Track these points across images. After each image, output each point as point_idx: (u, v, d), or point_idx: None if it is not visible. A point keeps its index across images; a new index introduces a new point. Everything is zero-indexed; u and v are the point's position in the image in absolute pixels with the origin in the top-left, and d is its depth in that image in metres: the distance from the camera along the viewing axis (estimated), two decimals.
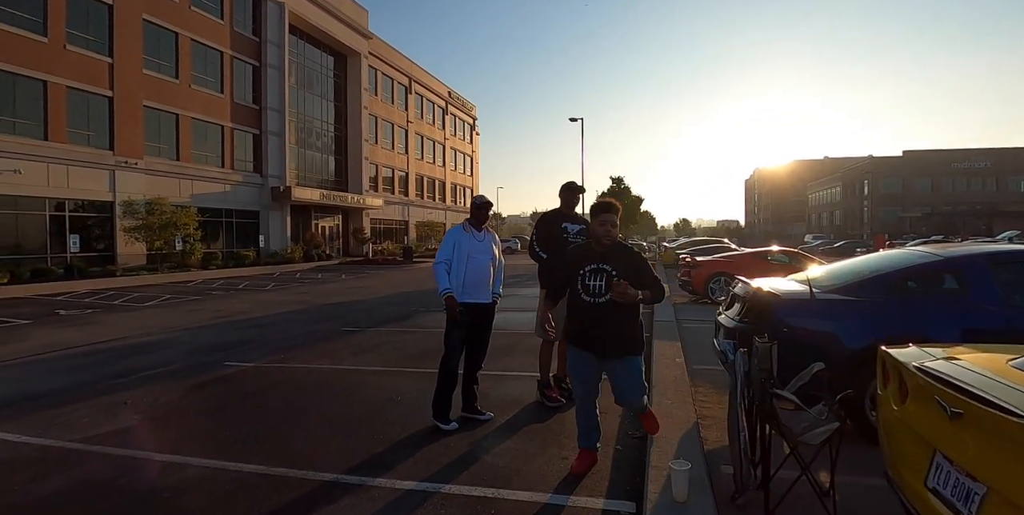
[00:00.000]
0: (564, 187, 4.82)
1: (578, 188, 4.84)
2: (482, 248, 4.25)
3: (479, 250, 4.21)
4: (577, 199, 4.86)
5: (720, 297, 10.96)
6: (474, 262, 4.16)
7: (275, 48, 29.11)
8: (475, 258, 4.17)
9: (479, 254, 4.20)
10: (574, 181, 4.89)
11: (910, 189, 61.81)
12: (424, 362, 6.18)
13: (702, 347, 6.40)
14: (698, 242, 25.86)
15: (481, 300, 4.21)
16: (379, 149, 40.04)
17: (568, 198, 4.79)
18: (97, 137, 20.99)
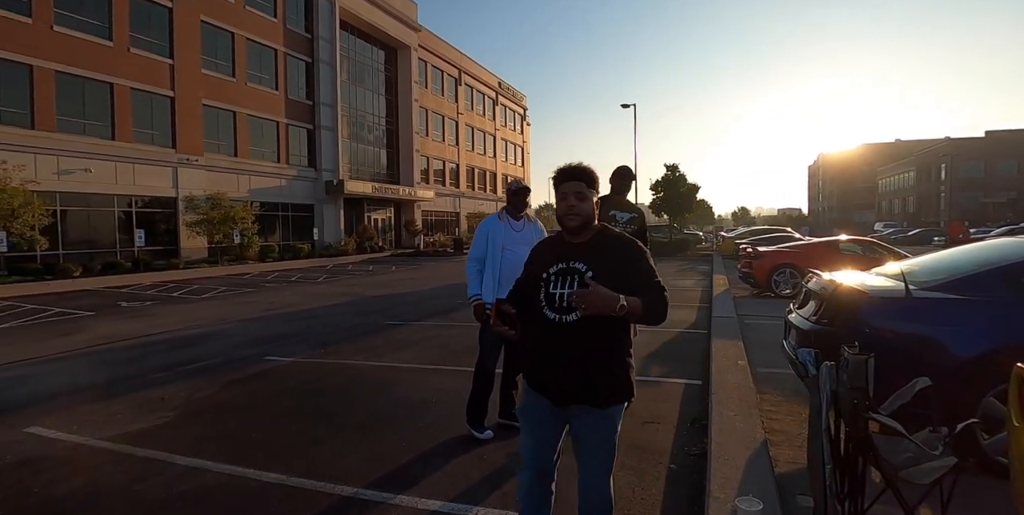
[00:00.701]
0: (615, 172, 4.42)
1: (629, 173, 4.42)
2: (520, 240, 3.76)
3: (516, 242, 3.75)
4: (628, 186, 4.44)
5: (785, 290, 10.20)
6: (511, 255, 3.70)
7: (327, 44, 29.50)
8: (512, 251, 3.71)
9: (516, 246, 3.73)
10: (626, 165, 4.45)
11: (993, 173, 56.96)
12: (465, 360, 5.87)
13: (767, 347, 5.81)
14: (759, 231, 24.59)
15: None
16: (430, 141, 40.19)
17: (618, 184, 4.37)
18: (160, 136, 21.80)
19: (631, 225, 4.24)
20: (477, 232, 3.85)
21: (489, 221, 3.86)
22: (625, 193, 4.42)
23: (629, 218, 4.29)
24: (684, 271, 17.67)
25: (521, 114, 59.26)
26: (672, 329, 7.36)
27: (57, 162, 18.39)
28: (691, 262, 22.03)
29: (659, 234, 29.78)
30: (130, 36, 20.51)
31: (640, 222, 4.34)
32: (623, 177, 4.38)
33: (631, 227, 4.22)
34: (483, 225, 3.87)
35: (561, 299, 1.89)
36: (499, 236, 3.75)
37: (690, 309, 9.32)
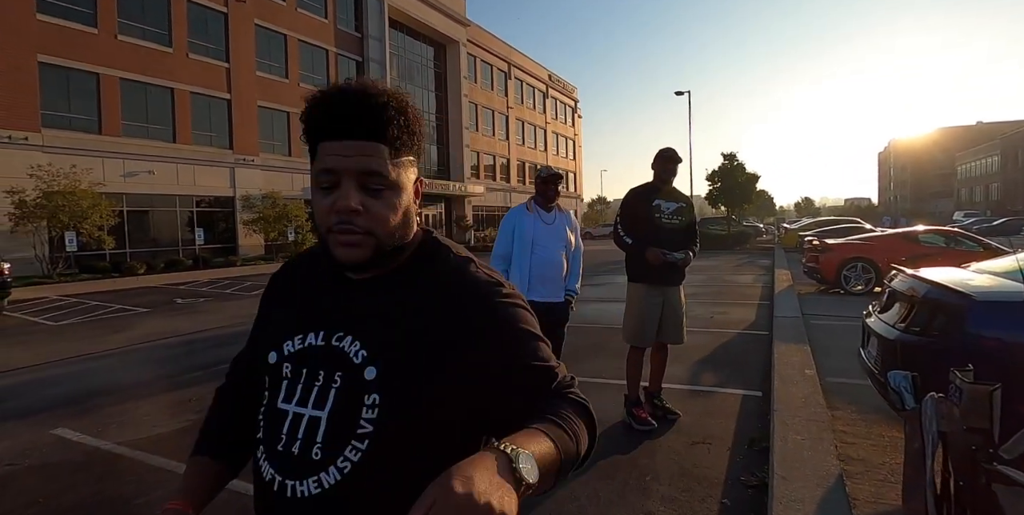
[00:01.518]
0: (657, 156, 3.87)
1: (674, 157, 3.85)
2: (551, 233, 3.39)
3: (547, 236, 3.36)
4: (673, 171, 3.87)
5: (856, 287, 9.31)
6: (541, 251, 3.34)
7: (376, 42, 29.74)
8: (543, 246, 3.34)
9: (548, 241, 3.36)
10: (671, 148, 3.88)
11: None
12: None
13: (839, 352, 5.17)
14: (825, 222, 23.07)
15: (551, 299, 3.37)
16: (480, 136, 40.04)
17: (661, 168, 3.82)
18: (218, 137, 22.49)
19: (678, 217, 3.75)
20: (502, 225, 3.41)
21: (516, 212, 3.43)
22: (670, 180, 3.86)
23: (676, 209, 3.76)
24: (743, 266, 16.72)
25: (572, 107, 58.38)
26: (728, 330, 6.75)
27: (123, 165, 19.22)
28: (750, 256, 20.90)
29: (716, 227, 28.52)
30: (188, 42, 21.20)
31: (688, 214, 3.84)
32: (667, 160, 3.79)
33: (678, 220, 3.74)
34: (509, 217, 3.42)
35: (302, 432, 0.76)
36: (528, 230, 3.34)
37: (749, 307, 8.62)
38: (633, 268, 3.80)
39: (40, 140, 17.09)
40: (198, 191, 21.70)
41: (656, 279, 3.69)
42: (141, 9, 19.80)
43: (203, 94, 21.76)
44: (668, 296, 3.74)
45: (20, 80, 16.66)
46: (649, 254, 3.56)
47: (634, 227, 3.75)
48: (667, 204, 3.75)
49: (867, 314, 3.52)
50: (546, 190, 3.39)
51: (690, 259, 3.68)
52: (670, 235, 3.67)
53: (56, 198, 15.59)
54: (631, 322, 3.78)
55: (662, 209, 3.72)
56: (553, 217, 3.43)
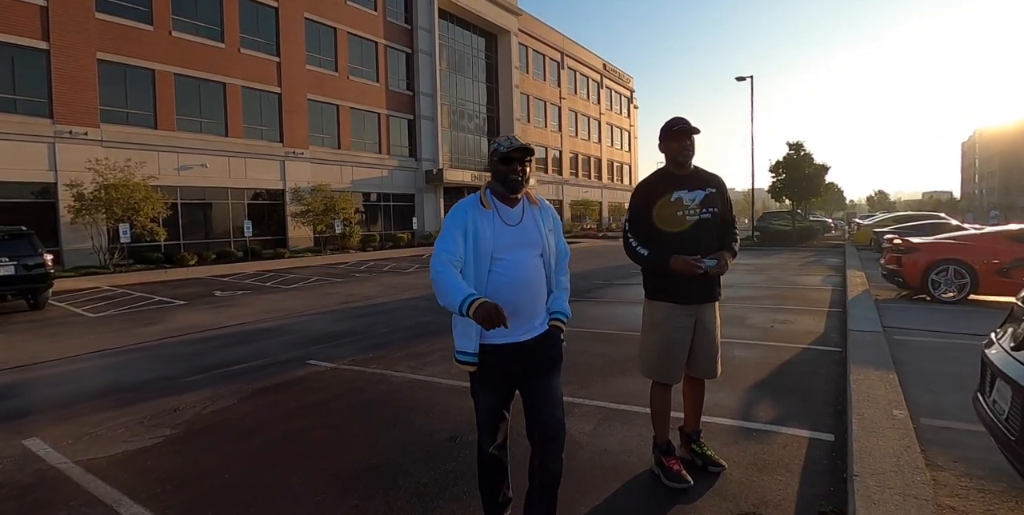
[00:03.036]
0: (664, 130, 2.81)
1: (687, 128, 2.75)
2: (519, 238, 2.19)
3: (514, 242, 2.18)
4: (690, 147, 2.78)
5: (946, 294, 8.03)
6: (506, 267, 2.14)
7: (426, 34, 29.40)
8: (508, 260, 2.15)
9: (515, 250, 2.17)
10: (679, 118, 2.83)
11: None
12: None
13: (935, 382, 4.17)
14: (904, 218, 21.00)
15: (524, 337, 2.16)
16: (531, 128, 39.26)
17: (677, 148, 2.77)
18: (269, 131, 22.70)
19: (708, 209, 2.78)
20: (448, 221, 2.19)
21: (465, 208, 2.19)
22: (689, 160, 2.81)
23: (704, 198, 2.78)
24: (809, 265, 15.26)
25: (628, 97, 56.65)
26: (791, 344, 5.76)
27: (177, 158, 19.62)
28: (818, 254, 19.26)
29: (780, 221, 26.71)
30: (240, 37, 21.42)
31: (721, 202, 2.85)
32: (679, 135, 2.75)
33: (709, 212, 2.78)
34: (457, 213, 2.19)
35: None
36: (484, 235, 2.13)
37: (817, 315, 7.53)
38: (652, 282, 2.91)
39: (99, 135, 17.59)
40: (249, 184, 21.99)
41: (684, 295, 2.79)
42: (195, 6, 20.11)
43: (254, 88, 21.98)
44: (701, 317, 2.84)
45: (79, 77, 17.16)
46: (677, 264, 2.67)
47: (651, 232, 2.80)
48: (691, 194, 2.78)
49: (988, 344, 2.60)
50: (508, 173, 2.15)
51: (726, 265, 2.72)
52: (701, 235, 2.77)
53: (110, 191, 15.99)
54: (651, 352, 2.87)
55: (685, 202, 2.77)
56: (519, 213, 2.22)
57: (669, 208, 2.77)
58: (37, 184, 16.70)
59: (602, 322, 7.51)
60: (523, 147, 2.15)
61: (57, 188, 16.71)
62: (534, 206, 2.29)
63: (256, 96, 22.18)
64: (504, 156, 2.15)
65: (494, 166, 2.20)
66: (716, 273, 2.72)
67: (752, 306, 8.28)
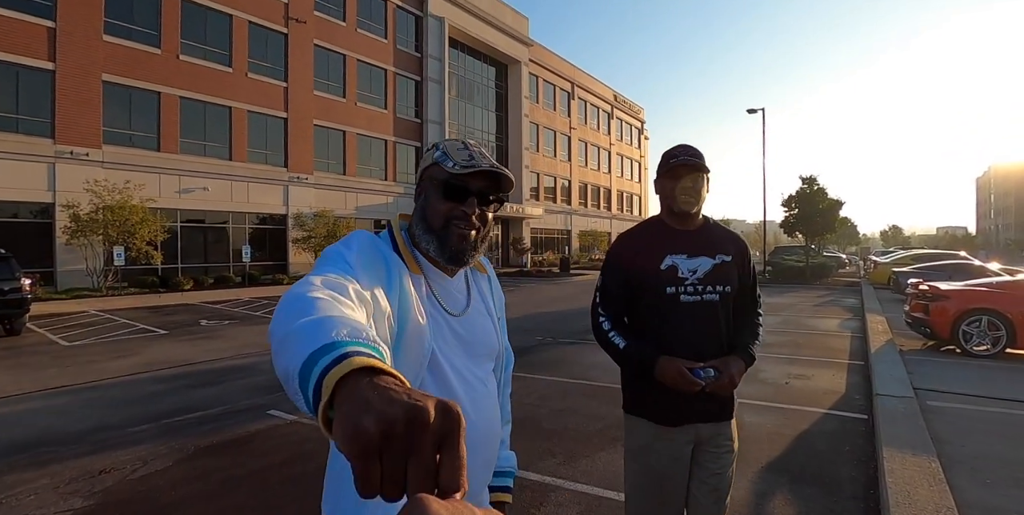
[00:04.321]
0: (663, 164, 1.89)
1: (693, 162, 1.83)
2: (467, 336, 1.16)
3: (456, 344, 1.14)
4: (697, 190, 1.85)
5: (979, 347, 7.33)
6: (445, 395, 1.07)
7: (436, 62, 29.53)
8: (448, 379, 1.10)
9: (458, 360, 1.13)
10: (686, 146, 1.89)
11: None
12: None
13: (987, 470, 3.50)
14: (923, 256, 20.26)
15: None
16: (540, 157, 39.14)
17: (670, 189, 1.87)
18: (273, 155, 22.57)
19: (717, 288, 1.85)
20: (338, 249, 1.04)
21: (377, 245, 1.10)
22: (694, 208, 1.86)
23: (711, 269, 1.86)
24: (825, 306, 14.47)
25: (639, 128, 56.73)
26: (810, 408, 5.08)
27: (179, 181, 19.42)
28: (833, 293, 18.48)
29: (793, 257, 25.99)
30: (248, 62, 21.49)
31: (736, 277, 1.91)
32: (681, 169, 1.84)
33: (716, 291, 1.84)
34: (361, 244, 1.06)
35: None
36: (414, 317, 1.05)
37: (837, 369, 6.84)
38: (631, 386, 1.93)
39: (100, 156, 17.44)
40: (251, 208, 21.73)
41: (675, 411, 1.82)
42: (203, 30, 20.22)
43: (260, 113, 21.94)
44: (703, 441, 1.86)
45: (83, 98, 17.10)
46: (666, 374, 1.73)
47: (630, 311, 1.90)
48: (691, 262, 1.84)
49: None
50: (452, 218, 1.12)
51: (735, 379, 1.76)
52: (701, 326, 1.82)
53: (106, 213, 15.73)
54: (634, 491, 1.91)
55: (681, 273, 1.83)
56: (464, 290, 1.22)
57: (656, 280, 1.82)
58: (35, 204, 16.48)
59: (603, 372, 6.60)
60: (492, 171, 1.10)
61: (55, 208, 16.47)
62: (480, 272, 1.30)
63: (262, 120, 22.11)
64: (452, 183, 1.10)
65: (427, 197, 1.14)
66: (719, 390, 1.75)
67: (765, 354, 7.60)
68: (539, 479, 3.52)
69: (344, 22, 25.21)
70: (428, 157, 1.16)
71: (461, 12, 30.65)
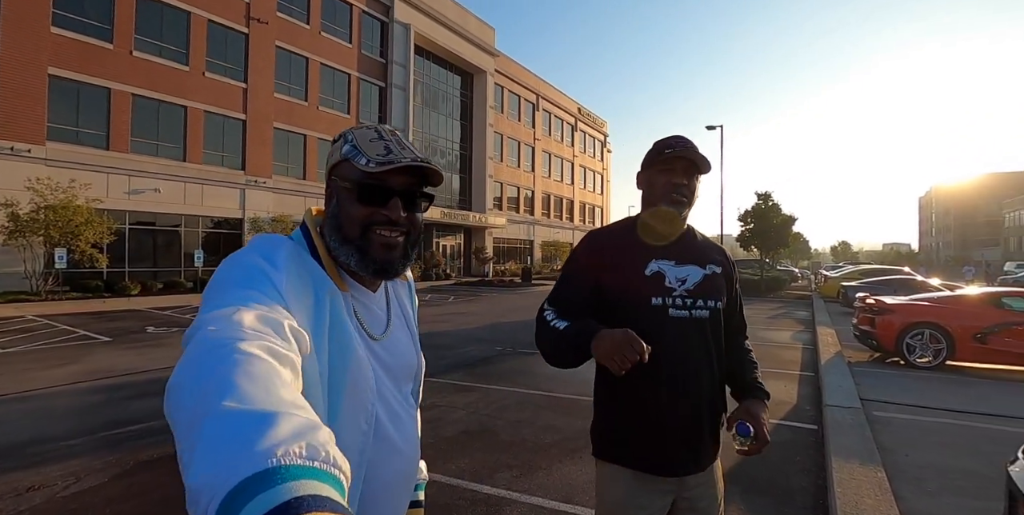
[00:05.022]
0: (653, 152, 1.57)
1: (684, 154, 1.51)
2: (391, 360, 1.02)
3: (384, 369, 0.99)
4: (683, 188, 1.53)
5: (922, 359, 7.65)
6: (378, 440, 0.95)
7: (401, 69, 29.39)
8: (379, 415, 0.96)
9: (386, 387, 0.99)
10: (680, 137, 1.58)
11: None
12: (450, 455, 4.10)
13: (929, 479, 3.61)
14: (870, 271, 21.15)
15: None
16: (504, 167, 39.29)
17: (661, 184, 1.54)
18: (230, 157, 21.96)
19: (709, 302, 1.54)
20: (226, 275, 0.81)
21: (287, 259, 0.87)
22: (683, 209, 1.55)
23: (701, 281, 1.55)
24: (778, 318, 14.94)
25: (602, 141, 57.64)
26: None
27: (128, 182, 18.67)
28: (786, 305, 19.07)
29: (749, 270, 26.74)
30: (207, 61, 20.92)
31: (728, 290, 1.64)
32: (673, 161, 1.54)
33: (709, 307, 1.53)
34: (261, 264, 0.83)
35: None
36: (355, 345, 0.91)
37: (789, 380, 7.03)
38: (602, 424, 1.57)
39: (44, 153, 16.63)
40: (206, 211, 21.05)
41: (657, 456, 1.49)
42: (159, 27, 19.60)
43: (217, 113, 21.35)
44: (686, 496, 1.53)
45: (27, 92, 16.29)
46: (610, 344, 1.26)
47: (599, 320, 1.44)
48: (680, 270, 1.53)
49: (1014, 462, 2.07)
50: (372, 224, 0.95)
51: (766, 435, 1.46)
52: (690, 346, 1.49)
53: (48, 213, 14.97)
54: None
55: (668, 282, 1.51)
56: (383, 306, 1.05)
57: (639, 288, 1.49)
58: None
59: (562, 383, 6.55)
60: (419, 165, 0.94)
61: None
62: (399, 280, 1.14)
63: (219, 122, 21.51)
64: (368, 184, 0.93)
65: (340, 202, 0.96)
66: (753, 452, 1.47)
67: None
68: (494, 493, 3.46)
69: (308, 25, 24.86)
70: (335, 152, 0.98)
71: (427, 20, 30.64)
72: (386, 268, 0.96)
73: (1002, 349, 7.33)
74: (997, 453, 3.61)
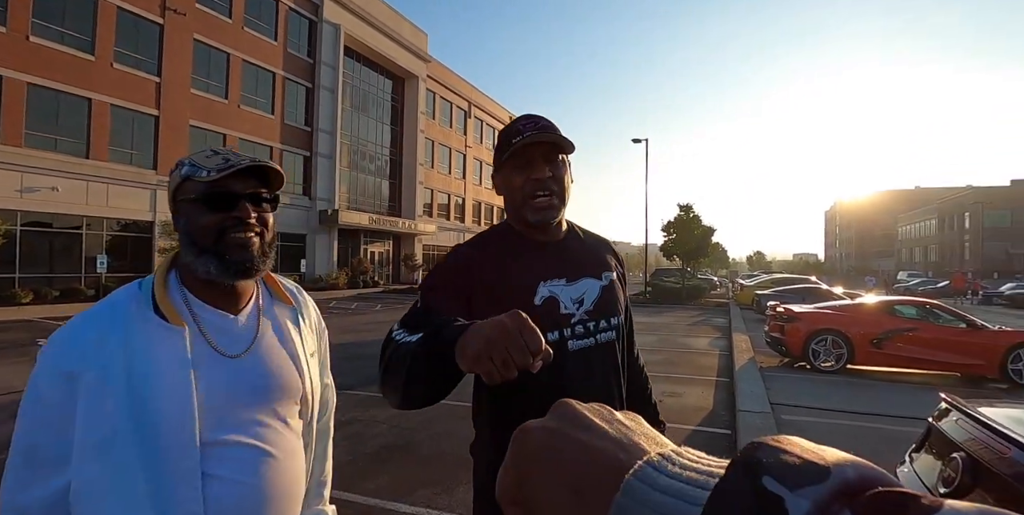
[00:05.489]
0: (503, 147, 1.25)
1: (540, 139, 1.19)
2: (249, 381, 1.01)
3: (237, 393, 0.99)
4: (555, 180, 1.22)
5: (826, 363, 8.17)
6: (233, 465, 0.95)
7: (329, 70, 28.60)
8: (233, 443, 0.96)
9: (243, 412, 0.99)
10: (533, 116, 1.25)
11: (1021, 223, 55.01)
12: (369, 473, 3.94)
13: None
14: (781, 280, 22.51)
15: None
16: (435, 174, 39.00)
17: (518, 183, 1.24)
18: (140, 156, 20.55)
19: (611, 320, 1.31)
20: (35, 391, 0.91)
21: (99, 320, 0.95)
22: (553, 211, 1.25)
23: (600, 297, 1.29)
24: (698, 325, 15.59)
25: None
26: (681, 425, 5.35)
27: (21, 179, 17.03)
28: (706, 313, 19.94)
29: (671, 279, 27.79)
30: (115, 51, 19.49)
31: (623, 298, 1.40)
32: (528, 151, 1.22)
33: (613, 327, 1.31)
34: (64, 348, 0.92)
35: None
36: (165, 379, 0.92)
37: (706, 386, 7.31)
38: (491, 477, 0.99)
39: None
40: (111, 213, 19.52)
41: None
42: (61, 11, 18.07)
43: (127, 108, 19.92)
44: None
45: None
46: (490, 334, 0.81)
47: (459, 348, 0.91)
48: (574, 289, 1.26)
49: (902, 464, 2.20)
50: (223, 230, 0.98)
51: None
52: (599, 378, 1.25)
53: None
54: None
55: (564, 306, 1.23)
56: (252, 324, 1.06)
57: (513, 295, 1.20)
58: None
59: None
60: (258, 165, 0.99)
61: None
62: (283, 302, 1.14)
63: (128, 117, 20.08)
64: (213, 192, 0.96)
65: (188, 217, 0.99)
66: None
67: None
68: (413, 511, 3.35)
69: (230, 19, 23.74)
70: (175, 177, 1.01)
71: (358, 21, 30.03)
72: (246, 267, 0.99)
73: (895, 353, 7.96)
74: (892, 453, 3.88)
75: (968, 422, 1.96)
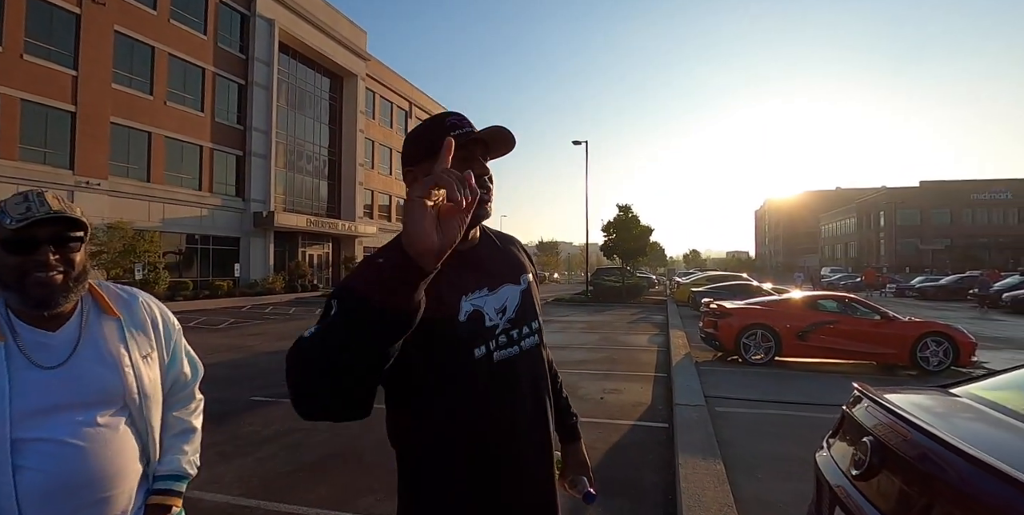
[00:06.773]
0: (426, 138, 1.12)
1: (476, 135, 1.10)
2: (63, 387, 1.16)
3: (48, 397, 1.14)
4: (489, 176, 1.14)
5: (755, 356, 8.60)
6: (42, 459, 1.10)
7: (263, 66, 27.64)
8: (43, 440, 1.11)
9: (56, 414, 1.14)
10: (458, 114, 1.14)
11: (929, 221, 59.66)
12: (310, 483, 3.86)
13: (760, 466, 4.04)
14: (715, 278, 23.46)
15: None
16: (375, 174, 38.37)
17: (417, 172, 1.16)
18: (54, 155, 19.21)
19: (533, 325, 1.23)
20: None
21: None
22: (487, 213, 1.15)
23: (521, 301, 1.21)
24: (637, 323, 16.06)
25: None
26: (621, 421, 5.51)
27: None
28: (645, 310, 20.54)
29: (612, 278, 28.41)
30: (25, 42, 18.17)
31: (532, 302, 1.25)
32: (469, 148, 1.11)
33: (536, 332, 1.24)
34: None
35: None
36: None
37: (645, 381, 7.54)
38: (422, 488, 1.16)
39: None
40: None
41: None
42: None
43: (38, 103, 18.60)
44: None
45: None
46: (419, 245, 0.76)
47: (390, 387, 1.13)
48: (496, 297, 1.16)
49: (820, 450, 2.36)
50: (26, 270, 1.12)
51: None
52: (526, 388, 1.18)
53: None
54: None
55: (489, 318, 1.13)
56: (71, 336, 1.21)
57: (455, 340, 1.08)
58: None
59: None
60: (56, 217, 1.11)
61: None
62: (108, 314, 1.27)
63: (40, 112, 18.74)
64: (14, 239, 1.10)
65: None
66: None
67: (585, 372, 8.13)
68: None
69: (154, 10, 22.55)
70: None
71: (294, 17, 29.17)
72: (46, 302, 1.14)
73: (818, 345, 8.47)
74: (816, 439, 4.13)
75: (876, 408, 2.13)
